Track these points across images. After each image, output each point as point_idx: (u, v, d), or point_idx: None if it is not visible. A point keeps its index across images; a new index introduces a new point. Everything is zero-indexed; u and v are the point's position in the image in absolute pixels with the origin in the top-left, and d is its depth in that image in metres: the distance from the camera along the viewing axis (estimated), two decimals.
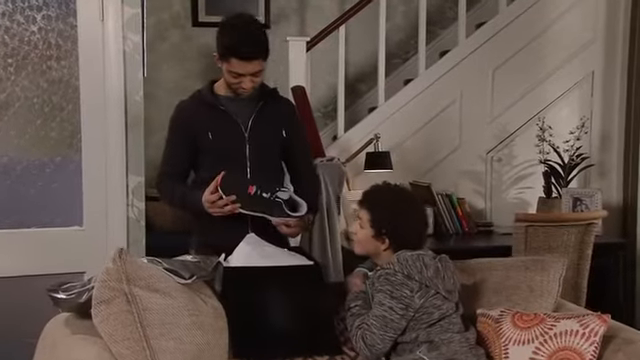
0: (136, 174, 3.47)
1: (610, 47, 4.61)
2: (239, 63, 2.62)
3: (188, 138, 2.79)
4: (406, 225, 2.43)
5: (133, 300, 2.18)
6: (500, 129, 4.53)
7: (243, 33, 2.63)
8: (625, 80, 4.58)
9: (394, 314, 2.32)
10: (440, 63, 4.47)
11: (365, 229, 2.46)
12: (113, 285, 2.19)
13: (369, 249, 2.49)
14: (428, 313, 2.34)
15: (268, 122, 2.80)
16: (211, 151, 2.77)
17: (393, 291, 2.34)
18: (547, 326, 2.24)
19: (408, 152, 4.34)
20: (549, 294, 2.49)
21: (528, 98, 4.54)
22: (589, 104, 4.62)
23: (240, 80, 2.67)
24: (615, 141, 4.61)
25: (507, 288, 2.52)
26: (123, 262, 2.19)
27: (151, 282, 2.22)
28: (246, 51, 2.60)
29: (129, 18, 3.43)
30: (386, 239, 2.43)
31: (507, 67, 4.51)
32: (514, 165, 4.56)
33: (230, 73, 2.67)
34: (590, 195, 4.24)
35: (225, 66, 2.68)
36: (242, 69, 2.63)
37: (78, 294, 2.32)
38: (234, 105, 2.76)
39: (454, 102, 4.46)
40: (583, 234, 3.75)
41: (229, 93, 2.79)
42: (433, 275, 2.36)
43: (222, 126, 2.75)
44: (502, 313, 2.38)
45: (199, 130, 2.76)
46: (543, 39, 4.53)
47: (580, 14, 4.58)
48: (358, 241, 2.51)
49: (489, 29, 4.50)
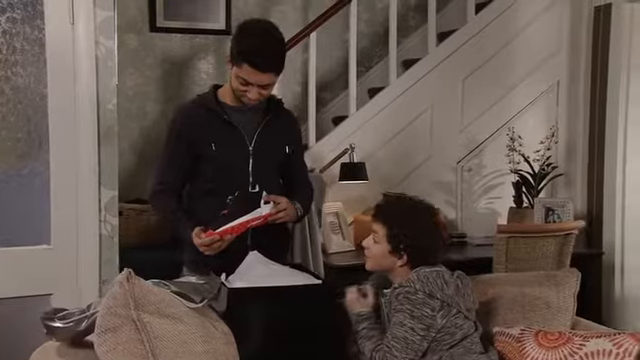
0: (109, 188, 3.27)
1: (574, 57, 4.67)
2: (251, 71, 2.46)
3: (189, 148, 2.63)
4: (426, 240, 2.33)
5: (143, 328, 2.01)
6: (470, 139, 4.51)
7: (262, 41, 2.48)
8: (589, 90, 4.64)
9: (415, 335, 2.22)
10: (411, 72, 4.41)
11: (381, 244, 2.35)
12: (120, 311, 2.01)
13: (384, 265, 2.38)
14: (450, 333, 2.24)
15: (273, 136, 2.67)
16: (213, 163, 2.62)
17: (414, 310, 2.23)
18: (575, 345, 2.17)
19: (380, 162, 4.26)
20: (566, 310, 2.44)
21: (496, 108, 4.54)
22: (555, 114, 4.65)
23: (247, 89, 2.51)
24: (580, 151, 4.66)
25: (523, 305, 2.45)
26: (131, 286, 2.02)
27: (161, 307, 2.06)
28: (260, 61, 2.44)
29: (101, 21, 3.22)
30: (404, 255, 2.32)
31: (476, 77, 4.49)
32: (483, 175, 4.55)
33: (238, 78, 2.51)
34: (562, 205, 4.26)
35: (235, 70, 2.52)
36: (252, 78, 2.48)
37: (76, 322, 2.13)
38: (239, 115, 2.61)
39: (425, 111, 4.41)
40: (562, 244, 3.76)
41: (234, 102, 2.63)
42: (454, 293, 2.27)
43: (226, 138, 2.60)
44: (523, 331, 2.30)
45: (202, 140, 2.60)
46: (510, 49, 4.54)
47: (545, 25, 4.62)
48: (372, 257, 2.40)
49: (458, 38, 4.48)
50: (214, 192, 2.63)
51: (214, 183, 2.62)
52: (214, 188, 2.61)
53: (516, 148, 4.27)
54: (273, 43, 2.49)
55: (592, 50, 4.63)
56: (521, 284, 2.52)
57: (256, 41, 2.46)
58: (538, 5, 4.59)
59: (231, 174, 2.61)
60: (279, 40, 2.53)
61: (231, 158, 2.61)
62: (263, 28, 2.54)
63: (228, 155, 2.60)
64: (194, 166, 2.65)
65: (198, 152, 2.61)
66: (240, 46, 2.48)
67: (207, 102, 2.64)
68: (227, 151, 2.60)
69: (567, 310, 2.44)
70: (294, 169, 2.79)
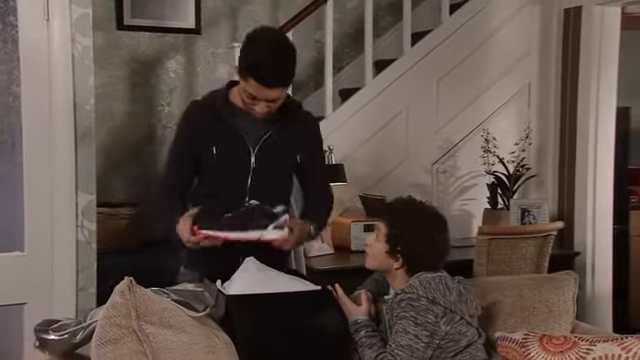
0: (87, 192, 3.15)
1: (544, 60, 4.70)
2: (257, 86, 2.33)
3: (191, 149, 2.54)
4: (425, 247, 2.28)
5: (145, 339, 1.92)
6: (445, 140, 4.50)
7: (269, 55, 2.31)
8: (559, 92, 4.68)
9: (419, 342, 2.17)
10: (386, 73, 4.38)
11: (380, 243, 2.32)
12: (121, 322, 1.93)
13: (381, 265, 2.35)
14: (454, 340, 2.21)
15: (283, 145, 2.53)
16: (212, 166, 2.53)
17: (417, 317, 2.19)
18: (582, 350, 2.15)
19: (356, 164, 4.21)
20: (567, 314, 2.43)
21: (470, 109, 4.54)
22: (527, 115, 4.68)
23: (254, 103, 2.39)
24: (550, 152, 4.69)
25: (523, 309, 2.43)
26: (133, 295, 1.94)
27: (164, 317, 1.98)
28: (267, 77, 2.30)
29: (78, 18, 3.10)
30: (400, 258, 2.28)
31: (451, 78, 4.48)
32: (458, 177, 4.54)
33: (245, 92, 2.38)
34: (537, 206, 4.28)
35: (242, 83, 2.39)
36: (259, 94, 2.35)
37: (72, 334, 2.04)
38: (247, 120, 2.47)
39: (400, 113, 4.38)
40: (541, 246, 3.77)
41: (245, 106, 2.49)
42: (456, 299, 2.23)
43: (228, 142, 2.49)
44: (527, 336, 2.28)
45: (203, 142, 2.50)
46: (484, 50, 4.55)
47: (516, 27, 4.63)
48: (371, 254, 2.37)
49: (433, 39, 4.46)
50: (215, 195, 2.54)
51: (215, 187, 2.53)
52: (215, 191, 2.53)
53: (491, 149, 4.27)
54: (280, 57, 2.34)
55: (562, 52, 4.66)
56: (519, 288, 2.50)
57: (262, 55, 2.30)
58: (510, 7, 4.60)
59: (231, 180, 2.52)
60: (287, 53, 2.37)
61: (231, 164, 2.51)
62: (271, 40, 2.39)
63: (228, 161, 2.51)
64: (197, 168, 2.57)
65: (198, 153, 2.53)
66: (247, 60, 2.34)
67: (217, 102, 2.53)
68: (227, 156, 2.50)
69: (568, 313, 2.43)
70: (307, 179, 2.65)
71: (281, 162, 2.56)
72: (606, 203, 4.55)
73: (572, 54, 4.60)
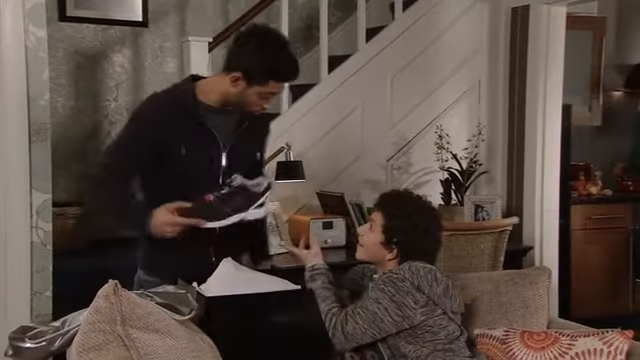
0: (42, 191, 3.04)
1: (493, 57, 4.75)
2: (278, 85, 2.35)
3: (155, 146, 2.39)
4: (420, 239, 2.30)
5: (131, 344, 1.84)
6: (399, 137, 4.50)
7: (284, 52, 2.34)
8: (508, 89, 4.74)
9: (386, 316, 2.19)
10: (341, 69, 4.34)
11: (375, 233, 2.32)
12: (105, 327, 1.84)
13: (373, 255, 2.34)
14: (432, 332, 2.21)
15: (247, 142, 2.52)
16: (181, 167, 2.42)
17: (395, 295, 2.20)
18: (564, 345, 2.18)
19: (311, 161, 4.16)
20: (542, 309, 2.46)
21: (423, 106, 4.55)
22: (477, 112, 4.73)
23: (267, 101, 2.41)
24: (500, 149, 4.76)
25: (501, 305, 2.45)
26: (119, 298, 1.85)
27: (149, 321, 1.90)
28: (290, 72, 2.34)
29: (31, 8, 3.00)
30: (395, 249, 2.28)
31: (404, 75, 4.48)
32: (412, 173, 4.56)
33: (261, 95, 2.35)
34: (490, 202, 4.33)
35: (255, 89, 2.32)
36: (278, 89, 2.39)
37: (49, 341, 1.94)
38: (218, 119, 2.42)
39: (356, 109, 4.36)
40: (497, 241, 3.82)
41: (216, 103, 2.42)
42: (442, 293, 2.23)
43: (198, 141, 2.41)
44: (507, 333, 2.30)
45: (171, 142, 2.39)
46: (435, 47, 4.57)
47: (466, 24, 4.67)
48: (363, 244, 2.38)
49: (387, 35, 4.45)
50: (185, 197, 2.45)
51: (183, 188, 2.42)
52: (184, 193, 2.42)
53: (444, 146, 4.30)
54: (290, 50, 2.38)
55: (510, 50, 4.73)
56: (495, 284, 2.52)
57: (278, 56, 2.31)
58: (460, 5, 4.63)
59: (200, 179, 2.43)
60: (289, 45, 2.41)
61: (202, 163, 2.43)
62: (274, 37, 2.37)
63: (199, 162, 2.42)
64: (155, 165, 2.43)
65: (164, 152, 2.40)
66: (264, 65, 2.29)
67: (183, 100, 2.42)
68: (198, 157, 2.42)
69: (543, 308, 2.46)
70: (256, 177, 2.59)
71: (247, 160, 2.52)
72: (553, 199, 4.64)
73: (520, 52, 4.67)
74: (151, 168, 2.44)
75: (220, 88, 2.39)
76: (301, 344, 2.24)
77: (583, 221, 5.35)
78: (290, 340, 2.23)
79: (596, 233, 5.41)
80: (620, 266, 5.50)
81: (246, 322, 2.20)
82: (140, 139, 2.41)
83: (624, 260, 5.53)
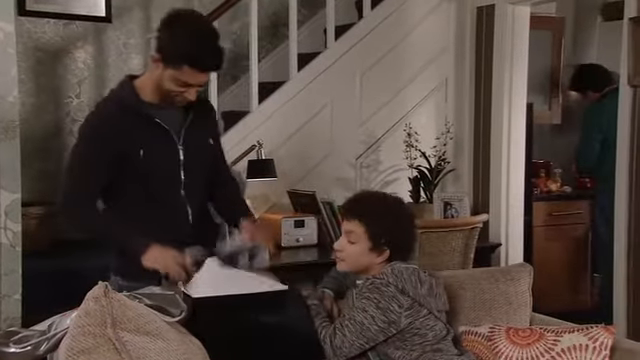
0: (10, 190, 2.96)
1: (460, 56, 4.79)
2: (192, 73, 2.25)
3: (113, 156, 2.34)
4: (405, 233, 2.31)
5: (122, 347, 1.79)
6: (368, 134, 4.51)
7: (204, 39, 2.26)
8: (473, 88, 4.79)
9: (373, 325, 2.17)
10: (311, 67, 4.33)
11: (359, 243, 2.26)
12: (94, 330, 1.79)
13: (360, 265, 2.30)
14: (420, 335, 2.20)
15: (199, 132, 2.48)
16: (141, 172, 2.38)
17: (381, 301, 2.18)
18: (550, 342, 2.20)
19: (281, 159, 4.13)
20: (525, 306, 2.48)
21: (392, 104, 4.57)
22: (444, 110, 4.76)
23: (185, 90, 2.30)
24: (466, 146, 4.80)
25: (484, 302, 2.46)
26: (109, 301, 1.80)
27: (140, 323, 1.85)
28: (207, 61, 2.26)
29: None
30: (386, 250, 2.26)
31: (373, 72, 4.49)
32: (380, 171, 4.56)
33: (175, 81, 2.28)
34: (459, 199, 4.37)
35: (170, 72, 2.27)
36: (194, 80, 2.27)
37: (35, 346, 1.89)
38: (164, 114, 2.38)
39: (325, 107, 4.35)
40: (467, 238, 3.86)
41: (157, 99, 2.38)
42: (427, 293, 2.23)
43: (155, 142, 2.37)
44: (492, 330, 2.31)
45: (128, 147, 2.34)
46: (404, 45, 4.58)
47: (434, 23, 4.70)
48: (347, 257, 2.30)
49: (356, 33, 4.45)
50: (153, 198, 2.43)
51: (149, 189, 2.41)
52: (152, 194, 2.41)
53: (413, 144, 4.32)
54: (213, 40, 2.30)
55: (476, 49, 4.78)
56: (477, 281, 2.53)
57: (196, 41, 2.24)
58: (427, 3, 4.66)
59: (162, 178, 2.42)
60: (216, 35, 2.33)
61: (162, 166, 2.40)
62: (197, 23, 2.34)
63: (159, 163, 2.39)
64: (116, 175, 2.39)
65: (124, 162, 2.36)
66: (179, 47, 2.24)
67: (128, 102, 2.37)
68: (157, 158, 2.39)
69: (526, 305, 2.48)
70: (218, 162, 2.63)
71: (202, 151, 2.51)
72: (519, 196, 4.71)
73: (485, 51, 4.72)
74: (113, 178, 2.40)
75: (151, 78, 2.35)
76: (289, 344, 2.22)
77: (544, 218, 5.45)
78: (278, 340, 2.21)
79: (557, 229, 5.51)
80: (579, 261, 5.62)
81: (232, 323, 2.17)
82: (97, 152, 2.36)
83: (583, 255, 5.64)
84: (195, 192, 2.49)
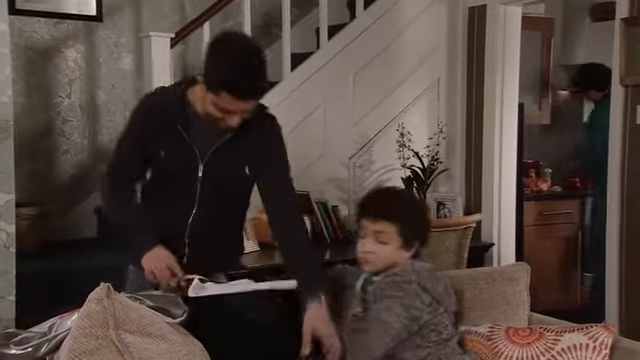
0: (4, 191, 2.94)
1: (452, 56, 4.80)
2: (233, 101, 2.11)
3: (142, 146, 2.35)
4: (427, 224, 2.35)
5: (125, 349, 1.78)
6: (361, 134, 4.50)
7: (244, 67, 2.11)
8: (465, 88, 4.80)
9: (397, 323, 2.14)
10: (304, 67, 4.32)
11: (391, 243, 2.23)
12: (97, 332, 1.78)
13: (391, 263, 2.25)
14: (437, 331, 2.20)
15: (233, 155, 2.30)
16: (160, 170, 2.37)
17: (404, 299, 2.16)
18: (550, 341, 2.19)
19: None
20: (523, 305, 2.48)
21: (385, 104, 4.57)
22: (437, 110, 4.77)
23: (228, 116, 2.18)
24: (458, 146, 4.81)
25: (483, 302, 2.46)
26: (112, 302, 1.79)
27: (142, 325, 1.84)
28: (247, 89, 2.11)
29: None
30: (415, 244, 2.26)
31: (366, 73, 4.49)
32: (373, 171, 4.56)
33: (215, 106, 2.16)
34: (452, 199, 4.38)
35: (211, 97, 2.15)
36: (234, 107, 2.14)
37: (35, 347, 1.87)
38: (202, 126, 2.26)
39: (319, 107, 4.34)
40: (461, 237, 3.86)
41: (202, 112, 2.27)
42: (443, 291, 2.24)
43: (177, 149, 2.31)
44: (492, 329, 2.31)
45: (153, 144, 2.33)
46: (396, 46, 4.58)
47: (426, 23, 4.70)
48: (379, 259, 2.24)
49: (349, 33, 4.45)
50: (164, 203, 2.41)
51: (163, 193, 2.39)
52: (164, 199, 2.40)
53: (406, 144, 4.32)
54: (256, 68, 2.13)
55: (468, 49, 4.79)
56: (475, 281, 2.53)
57: (235, 67, 2.10)
58: (419, 4, 4.66)
59: (176, 190, 2.37)
60: (262, 61, 2.16)
61: (178, 171, 2.34)
62: (243, 48, 2.17)
63: (175, 167, 2.34)
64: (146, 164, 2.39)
65: (148, 152, 2.35)
66: (218, 73, 2.12)
67: (172, 104, 2.31)
68: (175, 163, 2.33)
69: (524, 305, 2.48)
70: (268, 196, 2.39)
71: (232, 174, 2.35)
72: (511, 196, 4.73)
73: (477, 51, 4.73)
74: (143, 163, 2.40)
75: (201, 93, 2.25)
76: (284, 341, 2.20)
77: (535, 217, 5.47)
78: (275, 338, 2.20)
79: (547, 229, 5.54)
80: (570, 260, 5.65)
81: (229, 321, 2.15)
82: (132, 136, 2.39)
83: (573, 255, 5.68)
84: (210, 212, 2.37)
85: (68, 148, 4.60)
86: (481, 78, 4.70)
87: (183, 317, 1.97)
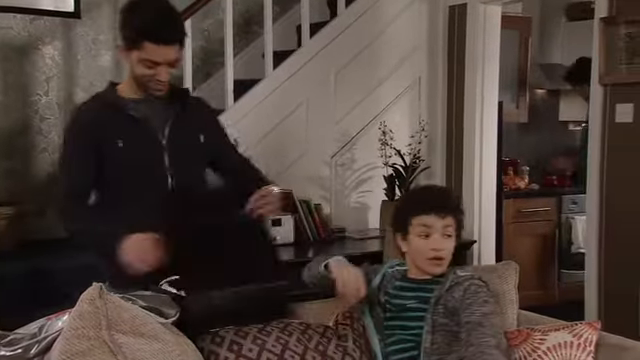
0: None
1: (432, 54, 4.81)
2: (155, 48, 2.25)
3: (91, 147, 2.36)
4: None
5: (118, 350, 1.75)
6: (343, 133, 4.50)
7: (158, 11, 2.28)
8: (446, 86, 4.82)
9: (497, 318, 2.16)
10: (286, 65, 4.30)
11: (453, 237, 2.21)
12: (89, 333, 1.75)
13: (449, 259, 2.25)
14: None
15: (186, 127, 2.47)
16: (122, 162, 2.37)
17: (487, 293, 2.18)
18: (536, 341, 2.21)
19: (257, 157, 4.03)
20: (512, 304, 2.48)
21: (366, 102, 4.57)
22: (418, 109, 4.78)
23: (155, 71, 2.30)
24: (439, 144, 4.83)
25: None
26: (104, 302, 1.76)
27: (135, 325, 1.81)
28: (165, 32, 2.25)
29: None
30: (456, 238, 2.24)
31: (347, 71, 4.48)
32: (355, 169, 4.56)
33: (143, 62, 2.28)
34: None
35: (135, 55, 2.28)
36: (159, 55, 2.26)
37: (25, 349, 1.83)
38: (145, 108, 2.39)
39: (301, 105, 4.32)
40: None
41: (137, 95, 2.40)
42: None
43: (134, 133, 2.37)
44: None
45: (105, 137, 2.35)
46: (378, 44, 4.59)
47: (407, 21, 4.71)
48: (448, 254, 2.22)
49: (330, 31, 4.43)
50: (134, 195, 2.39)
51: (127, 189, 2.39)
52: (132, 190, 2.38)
53: (388, 142, 4.33)
54: (169, 12, 2.31)
55: (448, 48, 4.80)
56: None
57: (152, 15, 2.26)
58: (400, 2, 4.67)
59: (145, 173, 2.39)
60: (172, 8, 2.34)
61: (143, 155, 2.39)
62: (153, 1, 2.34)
63: (140, 152, 2.38)
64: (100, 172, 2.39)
65: (103, 152, 2.36)
66: (136, 24, 2.27)
67: (107, 98, 2.42)
68: (137, 147, 2.38)
69: (513, 303, 2.49)
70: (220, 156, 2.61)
71: (191, 146, 2.49)
72: (491, 193, 4.76)
73: (458, 50, 4.75)
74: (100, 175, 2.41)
75: (129, 75, 2.39)
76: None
77: (513, 215, 5.51)
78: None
79: (525, 226, 5.59)
80: (547, 257, 5.70)
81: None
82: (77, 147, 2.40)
83: (550, 252, 5.73)
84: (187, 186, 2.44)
85: (46, 146, 4.52)
86: (462, 76, 4.72)
87: (176, 317, 1.94)
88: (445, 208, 2.20)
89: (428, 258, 2.20)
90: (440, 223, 2.18)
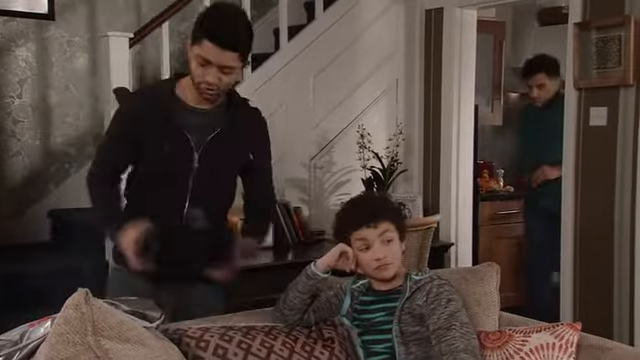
0: None
1: (410, 58, 4.84)
2: (211, 47, 2.24)
3: (133, 140, 2.40)
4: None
5: (104, 356, 1.74)
6: (321, 136, 4.50)
7: (228, 17, 2.31)
8: (423, 89, 4.84)
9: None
10: (264, 68, 4.29)
11: (395, 241, 2.22)
12: (74, 338, 1.73)
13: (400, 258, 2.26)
14: None
15: (230, 144, 2.44)
16: (154, 161, 2.40)
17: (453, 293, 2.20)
18: (518, 342, 2.21)
19: None
20: (493, 305, 2.48)
21: (345, 105, 4.58)
22: (395, 112, 4.79)
23: (205, 70, 2.28)
24: (416, 147, 4.85)
25: None
26: (90, 308, 1.74)
27: (122, 331, 1.79)
28: (223, 35, 2.25)
29: None
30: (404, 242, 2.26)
31: (326, 74, 4.49)
32: (334, 172, 4.56)
33: (197, 58, 2.29)
34: (412, 200, 4.41)
35: (194, 50, 2.29)
36: (212, 55, 2.25)
37: (6, 356, 1.80)
38: (193, 117, 2.39)
39: (280, 108, 4.31)
40: (423, 238, 3.89)
41: (194, 100, 2.39)
42: None
43: (171, 140, 2.37)
44: None
45: (146, 136, 2.37)
46: (356, 47, 4.60)
47: (384, 25, 4.73)
48: (394, 260, 2.22)
49: (308, 34, 4.44)
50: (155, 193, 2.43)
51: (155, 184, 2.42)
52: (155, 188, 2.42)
53: (366, 145, 4.34)
54: (237, 20, 2.33)
55: (425, 51, 4.83)
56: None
57: (220, 17, 2.30)
58: (378, 5, 4.69)
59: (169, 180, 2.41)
60: (243, 20, 2.36)
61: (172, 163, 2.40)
62: (229, 8, 2.39)
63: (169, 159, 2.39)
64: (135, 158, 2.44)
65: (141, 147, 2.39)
66: (204, 24, 2.30)
67: (161, 95, 2.41)
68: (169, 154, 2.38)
69: (494, 305, 2.49)
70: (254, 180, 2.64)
71: (228, 163, 2.48)
72: (468, 196, 4.79)
73: (434, 53, 4.78)
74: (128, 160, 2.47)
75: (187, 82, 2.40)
76: None
77: (489, 217, 5.55)
78: None
79: (500, 228, 5.63)
80: (521, 260, 5.73)
81: None
82: (120, 133, 2.45)
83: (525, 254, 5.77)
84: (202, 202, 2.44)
85: (19, 150, 4.47)
86: (438, 80, 4.75)
87: (160, 320, 1.93)
88: (376, 217, 2.19)
89: (374, 268, 2.21)
90: (375, 233, 2.18)
